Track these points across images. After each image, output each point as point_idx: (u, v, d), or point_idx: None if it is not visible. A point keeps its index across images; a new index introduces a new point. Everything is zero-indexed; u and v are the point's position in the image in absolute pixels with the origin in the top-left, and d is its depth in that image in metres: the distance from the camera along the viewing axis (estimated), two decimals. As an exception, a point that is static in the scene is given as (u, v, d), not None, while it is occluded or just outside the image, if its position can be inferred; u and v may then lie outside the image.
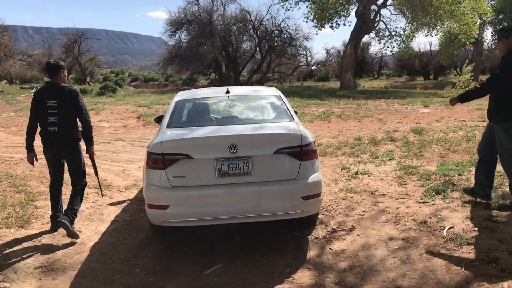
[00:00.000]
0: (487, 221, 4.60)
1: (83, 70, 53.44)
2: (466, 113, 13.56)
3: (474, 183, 5.27)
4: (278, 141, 4.21)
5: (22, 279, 3.93)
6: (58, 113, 4.77)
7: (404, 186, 6.09)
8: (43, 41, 60.42)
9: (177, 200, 4.13)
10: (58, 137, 4.85)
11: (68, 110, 4.81)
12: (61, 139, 4.88)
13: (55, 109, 4.75)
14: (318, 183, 4.30)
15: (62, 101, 4.77)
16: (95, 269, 4.11)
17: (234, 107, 5.43)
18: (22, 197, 6.14)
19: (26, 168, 7.98)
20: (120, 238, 4.82)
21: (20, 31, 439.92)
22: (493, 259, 3.79)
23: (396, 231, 4.61)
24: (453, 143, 8.72)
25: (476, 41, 36.90)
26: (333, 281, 3.74)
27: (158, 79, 67.73)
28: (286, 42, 36.95)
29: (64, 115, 4.80)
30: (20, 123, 15.13)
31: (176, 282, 3.84)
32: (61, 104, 4.76)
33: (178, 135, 4.39)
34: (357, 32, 29.41)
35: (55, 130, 4.81)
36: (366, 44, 57.96)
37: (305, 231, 4.80)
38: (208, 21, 35.49)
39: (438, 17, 27.83)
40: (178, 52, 36.01)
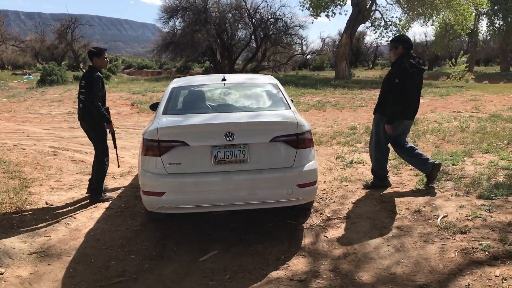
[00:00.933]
0: (480, 210, 4.64)
1: (76, 56, 52.92)
2: (460, 104, 13.62)
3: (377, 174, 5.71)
4: (274, 129, 4.21)
5: (17, 264, 3.92)
6: (83, 93, 5.44)
7: (398, 175, 6.13)
8: (35, 27, 59.81)
9: (172, 187, 4.12)
10: (80, 114, 5.58)
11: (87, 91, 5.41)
12: (82, 116, 5.58)
13: (82, 89, 5.45)
14: (313, 171, 4.31)
15: (85, 83, 5.43)
16: (90, 255, 4.11)
17: (230, 95, 5.41)
18: (16, 183, 6.11)
19: (20, 154, 7.94)
20: (115, 225, 4.82)
21: (12, 16, 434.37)
22: (486, 247, 3.84)
23: (391, 220, 4.65)
24: (447, 133, 8.77)
25: (471, 32, 36.93)
26: (328, 268, 3.77)
27: (152, 67, 67.27)
28: (282, 31, 36.74)
29: (85, 95, 5.42)
30: (13, 109, 15.01)
31: (172, 268, 3.85)
32: (85, 86, 5.43)
33: (174, 122, 4.37)
34: (353, 22, 29.30)
35: (80, 107, 5.55)
36: (361, 33, 57.94)
37: (300, 218, 4.83)
38: (203, 8, 35.17)
39: (434, 7, 27.81)
40: (172, 39, 35.70)
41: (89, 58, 5.63)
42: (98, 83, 5.42)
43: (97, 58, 5.56)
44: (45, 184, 6.20)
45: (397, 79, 5.15)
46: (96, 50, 5.63)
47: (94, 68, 5.56)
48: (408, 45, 5.30)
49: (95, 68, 5.57)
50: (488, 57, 56.58)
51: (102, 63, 5.63)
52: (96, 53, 5.57)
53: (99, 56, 5.56)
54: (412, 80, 5.17)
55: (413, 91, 5.25)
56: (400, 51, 5.28)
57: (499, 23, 41.28)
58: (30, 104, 16.25)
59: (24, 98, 18.18)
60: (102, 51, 5.64)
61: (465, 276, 3.46)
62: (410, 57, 5.23)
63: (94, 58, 5.56)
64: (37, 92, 19.80)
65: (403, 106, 5.16)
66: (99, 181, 5.62)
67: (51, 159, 7.60)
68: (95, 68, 5.56)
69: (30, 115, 13.85)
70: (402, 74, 5.13)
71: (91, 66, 5.61)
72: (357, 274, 3.64)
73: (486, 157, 6.70)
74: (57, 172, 6.83)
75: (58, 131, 10.70)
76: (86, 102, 5.40)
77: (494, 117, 10.42)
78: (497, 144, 7.50)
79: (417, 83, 5.29)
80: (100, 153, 5.63)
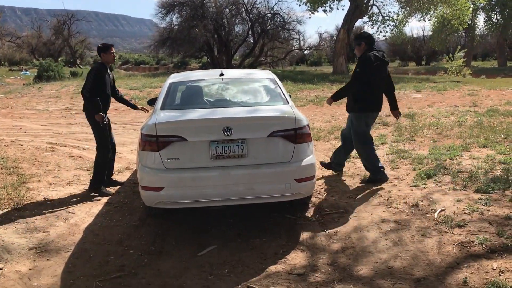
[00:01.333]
0: (477, 204, 4.66)
1: (73, 52, 52.80)
2: (458, 98, 13.64)
3: (331, 159, 6.16)
4: (272, 124, 4.21)
5: (16, 260, 3.93)
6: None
7: (396, 170, 6.15)
8: (32, 23, 59.56)
9: (171, 182, 4.13)
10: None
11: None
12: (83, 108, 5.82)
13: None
14: (311, 166, 4.32)
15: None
16: (89, 250, 4.12)
17: (228, 90, 5.41)
18: (14, 179, 6.10)
19: (17, 150, 7.93)
20: (113, 220, 4.82)
21: (8, 12, 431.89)
22: (483, 241, 3.86)
23: (388, 214, 4.67)
24: (444, 127, 8.78)
25: (469, 27, 36.96)
26: (326, 262, 3.79)
27: (149, 62, 67.11)
28: (279, 26, 36.62)
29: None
30: (10, 105, 14.97)
31: (170, 263, 3.87)
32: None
33: (172, 117, 4.37)
34: (350, 17, 29.23)
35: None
36: (359, 28, 57.57)
37: (298, 213, 4.85)
38: (200, 3, 35.02)
39: (431, 2, 27.77)
40: (169, 35, 35.54)
41: (98, 54, 5.82)
42: (93, 75, 5.54)
43: (104, 54, 5.71)
44: (43, 180, 6.20)
45: (358, 69, 5.42)
46: (103, 46, 5.77)
47: (101, 63, 5.75)
48: (369, 41, 5.50)
49: (101, 63, 5.74)
50: (486, 52, 56.63)
51: (109, 58, 5.76)
52: (103, 48, 5.73)
53: (106, 51, 5.71)
54: (378, 73, 5.40)
55: (379, 83, 5.48)
56: (363, 47, 5.49)
57: (496, 18, 41.26)
58: (27, 100, 16.20)
59: (21, 94, 18.12)
60: (109, 47, 5.76)
61: (463, 269, 3.49)
62: (375, 51, 5.44)
63: (102, 54, 5.73)
64: (34, 88, 19.73)
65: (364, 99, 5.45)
66: (97, 173, 5.69)
67: (49, 155, 7.59)
68: (101, 64, 5.75)
69: (27, 111, 13.82)
70: (367, 66, 5.35)
71: (99, 61, 5.85)
72: (355, 267, 3.66)
73: (484, 152, 6.72)
74: (55, 168, 6.82)
75: (55, 127, 10.68)
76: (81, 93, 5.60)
77: (491, 112, 10.45)
78: (494, 138, 7.52)
79: (382, 76, 5.49)
80: (97, 144, 5.72)
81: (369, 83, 5.38)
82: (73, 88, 18.70)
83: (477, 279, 3.34)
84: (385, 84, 5.63)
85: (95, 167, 5.71)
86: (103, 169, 5.73)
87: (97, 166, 5.69)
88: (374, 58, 5.33)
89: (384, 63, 5.45)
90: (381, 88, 5.57)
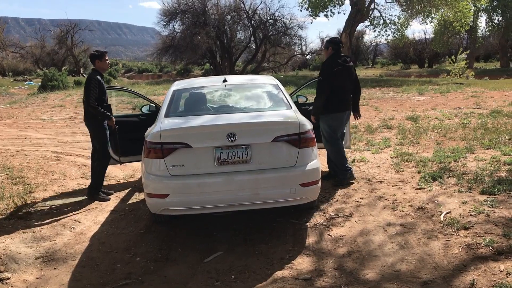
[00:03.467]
0: (483, 205, 4.65)
1: (76, 61, 53.04)
2: (461, 100, 13.62)
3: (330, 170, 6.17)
4: (276, 129, 4.22)
5: (23, 269, 3.95)
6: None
7: (400, 173, 6.14)
8: (35, 33, 59.92)
9: (176, 188, 4.14)
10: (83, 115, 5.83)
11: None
12: (83, 117, 5.85)
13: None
14: (316, 170, 4.33)
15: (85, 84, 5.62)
16: (96, 258, 4.14)
17: (231, 96, 5.43)
18: (20, 189, 6.14)
19: (23, 160, 7.97)
20: (119, 228, 4.84)
21: (12, 23, 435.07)
22: (490, 243, 3.85)
23: (394, 217, 4.66)
24: (448, 130, 8.77)
25: (471, 29, 36.92)
26: (333, 266, 3.78)
27: (152, 70, 67.35)
28: (281, 31, 36.78)
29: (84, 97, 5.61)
30: (15, 115, 15.05)
31: (177, 270, 3.87)
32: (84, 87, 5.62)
33: (177, 124, 4.39)
34: (352, 21, 29.35)
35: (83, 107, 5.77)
36: (360, 32, 57.93)
37: (303, 218, 4.85)
38: (202, 10, 35.24)
39: (432, 4, 27.83)
40: (172, 43, 35.76)
41: (91, 61, 5.77)
42: (95, 84, 5.53)
43: (99, 61, 5.70)
44: (49, 189, 6.23)
45: (320, 77, 5.71)
46: (98, 53, 5.76)
47: (96, 71, 5.70)
48: (336, 46, 5.75)
49: (97, 71, 5.71)
50: (488, 53, 56.45)
51: (104, 65, 5.77)
52: (97, 56, 5.71)
53: (100, 58, 5.71)
54: (338, 78, 5.63)
55: (343, 86, 5.72)
56: (330, 51, 5.76)
57: (498, 19, 41.21)
58: (31, 110, 16.30)
59: (26, 104, 18.23)
60: (103, 54, 5.77)
61: (470, 272, 3.48)
62: (338, 57, 5.70)
63: (96, 61, 5.71)
64: (38, 98, 19.85)
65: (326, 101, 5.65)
66: (96, 180, 5.76)
67: (54, 164, 7.63)
68: (96, 71, 5.69)
69: (32, 121, 13.89)
70: (326, 72, 5.65)
71: (93, 69, 5.75)
72: (361, 271, 3.66)
73: (488, 153, 6.71)
74: (61, 177, 6.85)
75: (60, 136, 10.73)
76: (84, 104, 5.62)
77: (495, 113, 10.42)
78: (499, 139, 7.50)
79: (345, 79, 5.73)
80: (97, 152, 5.76)
81: (331, 87, 5.61)
82: (77, 97, 18.80)
83: (485, 281, 3.32)
84: (352, 86, 5.90)
85: (94, 174, 5.78)
86: (101, 176, 5.81)
87: (96, 174, 5.76)
88: (334, 64, 5.63)
89: (345, 68, 5.67)
90: (346, 91, 5.81)
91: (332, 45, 5.76)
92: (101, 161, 5.77)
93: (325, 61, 5.83)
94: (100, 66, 5.74)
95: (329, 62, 5.70)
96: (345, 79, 5.73)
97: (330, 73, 5.62)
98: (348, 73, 5.75)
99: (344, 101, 5.80)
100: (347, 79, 5.76)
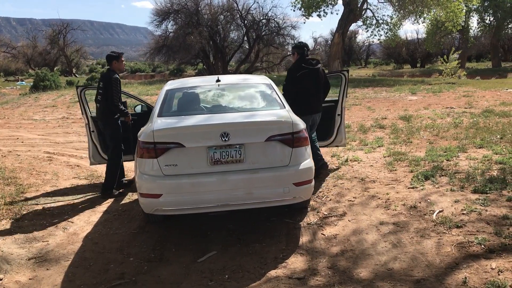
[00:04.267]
0: (475, 204, 4.68)
1: (69, 61, 52.78)
2: (453, 100, 13.71)
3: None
4: (269, 129, 4.23)
5: (15, 270, 3.92)
6: (101, 94, 5.78)
7: (393, 172, 6.17)
8: (27, 33, 59.49)
9: (169, 188, 4.13)
10: (97, 114, 5.93)
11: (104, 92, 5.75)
12: (98, 116, 5.93)
13: (100, 90, 5.80)
14: (309, 170, 4.34)
15: (104, 84, 5.76)
16: (89, 258, 4.12)
17: (225, 96, 5.42)
18: (12, 189, 6.10)
19: (15, 160, 7.92)
20: (113, 228, 4.82)
21: (3, 23, 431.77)
22: (482, 241, 3.88)
23: (387, 216, 4.68)
24: (441, 129, 8.83)
25: (462, 29, 37.17)
26: (326, 265, 3.79)
27: (145, 70, 67.06)
28: (274, 31, 36.81)
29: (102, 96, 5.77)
30: (6, 116, 14.95)
31: (171, 270, 3.86)
32: (103, 87, 5.76)
33: (170, 124, 4.38)
34: (345, 21, 29.43)
35: (97, 107, 5.89)
36: (353, 32, 58.17)
37: (297, 217, 4.85)
38: (194, 10, 35.18)
39: (424, 4, 27.98)
40: (165, 42, 35.66)
41: (108, 61, 5.93)
42: (117, 84, 5.74)
43: (116, 61, 5.89)
44: (41, 189, 6.19)
45: (285, 82, 5.94)
46: (115, 54, 5.94)
47: (112, 71, 5.86)
48: (301, 50, 5.95)
49: (113, 71, 5.87)
50: (480, 53, 56.90)
51: (121, 66, 5.96)
52: (115, 56, 5.90)
53: (117, 59, 5.90)
54: (302, 82, 5.79)
55: (309, 88, 5.82)
56: (296, 56, 5.96)
57: (489, 19, 41.55)
58: (23, 110, 16.19)
59: (18, 104, 18.11)
60: (120, 55, 5.97)
61: (462, 270, 3.50)
62: (304, 61, 5.89)
63: (113, 62, 5.89)
64: (30, 98, 19.73)
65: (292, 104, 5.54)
66: (110, 178, 5.88)
67: (47, 165, 7.59)
68: (113, 71, 5.86)
69: (24, 121, 13.80)
70: (290, 76, 5.90)
71: (110, 69, 5.90)
72: (355, 270, 3.67)
73: (480, 152, 6.76)
74: (53, 177, 6.82)
75: (52, 137, 10.67)
76: (103, 103, 5.74)
77: (486, 113, 10.50)
78: (490, 139, 7.56)
79: (310, 83, 5.84)
80: (112, 151, 5.88)
81: (297, 90, 5.79)
82: (69, 97, 18.71)
83: (477, 279, 3.35)
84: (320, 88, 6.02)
85: (110, 173, 5.87)
86: (115, 174, 5.90)
87: (111, 172, 5.87)
88: (298, 68, 5.84)
89: (310, 71, 5.83)
90: (312, 94, 5.88)
91: (297, 50, 5.97)
92: (115, 160, 5.88)
93: (290, 66, 6.04)
94: (117, 67, 5.90)
95: (294, 66, 5.91)
96: (310, 83, 5.84)
97: (294, 77, 5.82)
98: (314, 76, 5.87)
99: (309, 104, 5.87)
100: (312, 83, 5.84)
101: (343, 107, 6.45)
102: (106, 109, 5.76)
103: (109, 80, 5.70)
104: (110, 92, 5.67)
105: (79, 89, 6.09)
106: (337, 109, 6.47)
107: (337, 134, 6.54)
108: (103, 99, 5.74)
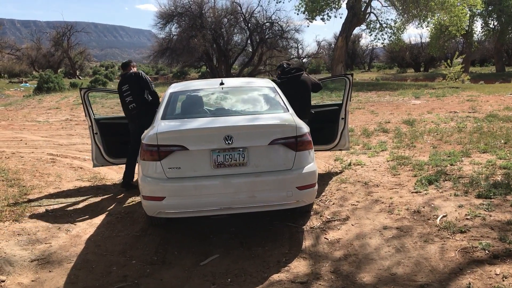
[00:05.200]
0: (479, 209, 4.66)
1: (72, 63, 52.95)
2: (457, 104, 13.67)
3: None
4: (273, 132, 4.22)
5: (18, 272, 3.92)
6: (130, 95, 6.18)
7: (397, 177, 6.15)
8: (31, 35, 59.75)
9: (172, 191, 4.13)
10: (133, 114, 6.16)
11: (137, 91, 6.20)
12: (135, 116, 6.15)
13: (128, 91, 6.21)
14: (313, 173, 4.32)
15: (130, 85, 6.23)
16: (92, 261, 4.12)
17: (228, 99, 5.42)
18: (16, 191, 6.11)
19: (18, 162, 7.94)
20: (115, 231, 4.82)
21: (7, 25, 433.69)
22: (486, 246, 3.86)
23: (390, 221, 4.66)
24: (444, 133, 8.80)
25: (466, 33, 37.08)
26: (329, 269, 3.78)
27: (149, 73, 67.12)
28: (277, 35, 36.82)
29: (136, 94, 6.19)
30: (10, 117, 15.00)
31: (173, 273, 3.86)
32: (130, 88, 6.22)
33: (173, 127, 4.38)
34: (348, 24, 29.40)
35: (130, 108, 6.16)
36: (357, 36, 58.12)
37: (300, 221, 4.84)
38: (198, 13, 35.24)
39: (428, 8, 27.92)
40: (168, 45, 35.74)
41: (126, 66, 6.50)
42: (146, 76, 6.32)
43: (132, 65, 6.55)
44: (44, 191, 6.20)
45: None
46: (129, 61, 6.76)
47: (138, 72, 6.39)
48: (280, 68, 6.59)
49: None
50: (483, 57, 56.74)
51: (135, 68, 6.52)
52: (130, 61, 6.75)
53: (132, 63, 6.61)
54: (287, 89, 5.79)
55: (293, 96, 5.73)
56: (278, 73, 6.55)
57: (493, 24, 41.46)
58: (27, 112, 16.25)
59: (21, 106, 18.17)
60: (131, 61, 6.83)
61: (466, 275, 3.48)
62: (283, 73, 6.38)
63: (131, 65, 6.55)
64: (34, 99, 19.79)
65: None
66: (130, 171, 6.21)
67: (50, 167, 7.60)
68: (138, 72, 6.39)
69: (28, 123, 13.84)
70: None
71: (129, 71, 6.39)
72: (358, 275, 3.66)
73: (484, 157, 6.73)
74: (56, 179, 6.83)
75: (56, 138, 10.70)
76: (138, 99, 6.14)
77: (490, 117, 10.47)
78: (494, 143, 7.53)
79: (293, 89, 6.03)
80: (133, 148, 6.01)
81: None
82: (73, 99, 18.76)
83: (481, 285, 3.33)
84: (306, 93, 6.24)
85: (129, 166, 6.18)
86: (133, 168, 6.16)
87: (131, 165, 6.16)
88: (279, 78, 6.35)
89: (288, 80, 6.17)
90: (298, 100, 5.85)
91: (279, 69, 6.62)
92: (134, 156, 6.00)
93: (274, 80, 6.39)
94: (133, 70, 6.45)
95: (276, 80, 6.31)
96: (293, 89, 6.02)
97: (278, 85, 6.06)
98: (294, 84, 6.14)
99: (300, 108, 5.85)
100: (290, 90, 5.84)
101: (347, 111, 6.41)
102: (144, 105, 6.10)
103: (138, 75, 6.22)
104: (144, 83, 6.16)
105: (82, 91, 6.10)
106: (341, 113, 6.42)
107: (341, 138, 6.51)
108: (135, 96, 6.12)
